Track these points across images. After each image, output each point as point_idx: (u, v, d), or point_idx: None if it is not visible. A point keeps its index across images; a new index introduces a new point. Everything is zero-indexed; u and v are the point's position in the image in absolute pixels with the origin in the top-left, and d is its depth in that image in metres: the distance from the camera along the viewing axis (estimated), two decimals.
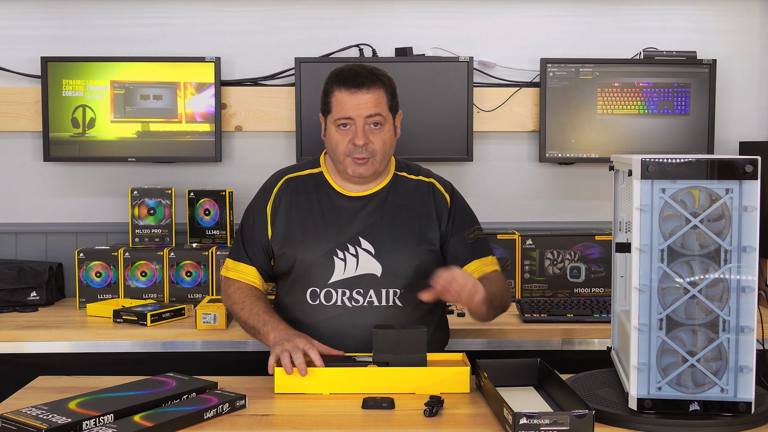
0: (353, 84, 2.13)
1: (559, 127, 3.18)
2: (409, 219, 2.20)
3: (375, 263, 2.15)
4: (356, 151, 2.13)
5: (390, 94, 2.19)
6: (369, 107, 2.13)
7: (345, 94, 2.13)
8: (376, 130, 2.14)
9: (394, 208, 2.21)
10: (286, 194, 2.23)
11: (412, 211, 2.21)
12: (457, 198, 2.28)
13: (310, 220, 2.19)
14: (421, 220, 2.21)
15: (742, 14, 3.31)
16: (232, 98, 3.24)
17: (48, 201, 3.30)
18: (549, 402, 1.86)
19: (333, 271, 2.15)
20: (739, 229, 1.64)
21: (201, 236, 3.15)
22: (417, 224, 2.20)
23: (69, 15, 3.25)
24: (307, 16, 3.27)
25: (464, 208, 2.29)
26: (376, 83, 2.14)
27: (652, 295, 1.66)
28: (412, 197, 2.23)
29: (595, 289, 3.07)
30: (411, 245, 2.18)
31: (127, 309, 2.81)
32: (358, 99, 2.12)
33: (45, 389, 1.98)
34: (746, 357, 1.65)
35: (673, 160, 1.64)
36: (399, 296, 2.16)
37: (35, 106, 3.20)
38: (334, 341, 2.10)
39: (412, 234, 2.19)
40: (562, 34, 3.30)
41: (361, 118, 2.13)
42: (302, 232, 2.18)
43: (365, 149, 2.13)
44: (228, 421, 1.76)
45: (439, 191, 2.26)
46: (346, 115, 2.13)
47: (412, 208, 2.22)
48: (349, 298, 2.15)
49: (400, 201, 2.22)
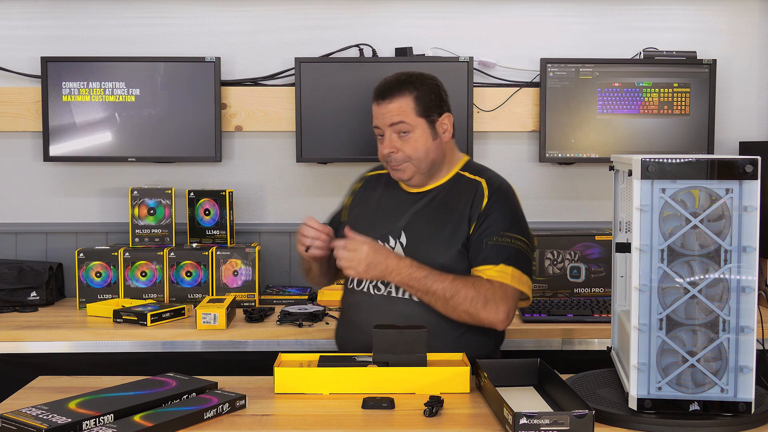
0: (380, 95, 2.23)
1: (559, 127, 3.18)
2: (448, 218, 2.21)
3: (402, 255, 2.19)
4: (390, 159, 2.22)
5: (418, 99, 2.20)
6: (392, 116, 2.20)
7: (375, 105, 2.24)
8: (404, 137, 2.20)
9: (439, 205, 2.24)
10: (361, 189, 2.41)
11: (453, 210, 2.22)
12: (497, 201, 2.20)
13: (369, 210, 2.33)
14: (456, 218, 2.21)
15: (742, 14, 3.31)
16: (232, 98, 3.24)
17: (48, 201, 3.30)
18: (549, 402, 1.86)
19: None
20: (739, 229, 1.64)
21: (201, 236, 3.15)
22: (452, 224, 2.20)
23: (69, 15, 3.25)
24: (307, 16, 3.27)
25: (499, 214, 2.18)
26: (401, 91, 2.20)
27: (652, 295, 1.66)
28: (459, 196, 2.24)
29: (595, 289, 3.07)
30: (440, 244, 2.19)
31: (127, 309, 2.81)
32: (384, 109, 2.21)
33: (45, 389, 1.98)
34: (746, 357, 1.65)
35: (673, 160, 1.64)
36: None
37: (35, 106, 3.21)
38: (358, 326, 2.22)
39: (444, 233, 2.20)
40: (562, 34, 3.30)
41: (386, 127, 2.21)
42: (356, 220, 2.31)
43: (396, 157, 2.21)
44: (228, 421, 1.76)
45: (481, 191, 2.22)
46: (376, 125, 2.25)
47: (453, 206, 2.23)
48: (374, 286, 2.22)
49: (448, 200, 2.24)
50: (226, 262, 3.01)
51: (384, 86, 2.23)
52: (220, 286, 3.02)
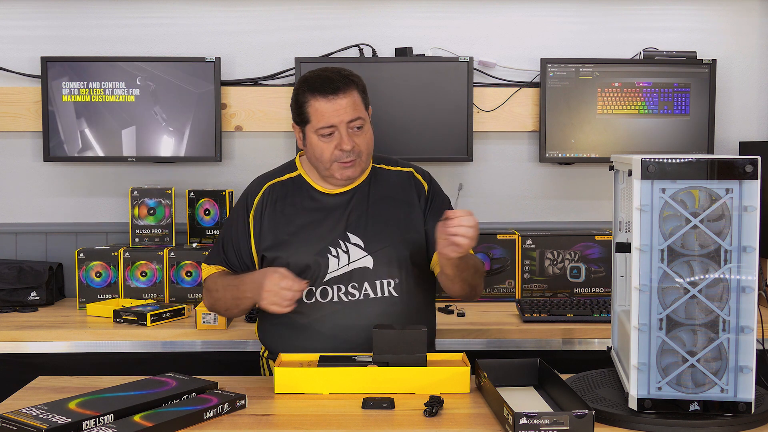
0: (329, 90, 2.12)
1: (559, 127, 3.18)
2: (393, 209, 2.22)
3: (365, 256, 2.16)
4: (343, 156, 2.13)
5: (363, 93, 2.19)
6: (349, 112, 2.12)
7: (322, 102, 2.12)
8: (360, 132, 2.15)
9: (377, 199, 2.22)
10: (270, 200, 2.23)
11: (395, 201, 2.23)
12: (434, 185, 2.30)
13: (298, 222, 2.20)
14: (405, 208, 2.22)
15: (742, 14, 3.31)
16: (232, 98, 3.24)
17: (48, 201, 3.30)
18: (549, 402, 1.86)
19: (327, 268, 2.15)
20: (739, 229, 1.64)
21: (201, 236, 3.15)
22: (402, 213, 2.22)
23: (69, 15, 3.25)
24: (307, 16, 3.27)
25: (441, 195, 2.29)
26: (350, 85, 2.14)
27: (652, 295, 1.66)
28: (393, 187, 2.25)
29: (595, 289, 3.07)
30: (399, 234, 2.19)
31: (127, 309, 2.81)
32: (337, 105, 2.11)
33: (45, 389, 1.98)
34: (746, 357, 1.65)
35: (673, 160, 1.64)
36: (394, 287, 2.17)
37: (35, 106, 3.20)
38: (335, 338, 2.12)
39: (399, 223, 2.20)
40: (562, 34, 3.30)
41: (343, 123, 2.12)
42: (292, 235, 2.19)
43: (352, 152, 2.14)
44: (228, 421, 1.76)
45: (416, 179, 2.27)
46: (328, 123, 2.12)
47: (395, 197, 2.23)
48: (345, 293, 2.15)
49: (383, 192, 2.23)
50: None
51: (330, 81, 2.12)
52: None
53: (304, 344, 2.14)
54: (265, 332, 2.26)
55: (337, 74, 2.15)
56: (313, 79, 2.15)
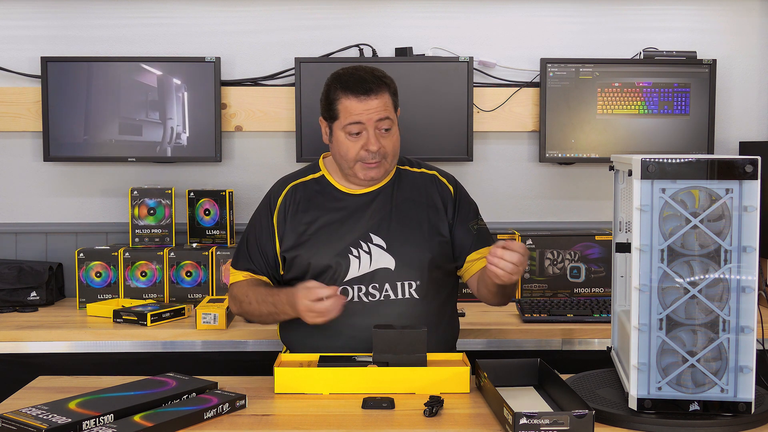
0: (361, 90, 2.12)
1: (559, 127, 3.18)
2: (417, 211, 2.22)
3: (388, 257, 2.16)
4: (368, 157, 2.14)
5: (394, 95, 2.19)
6: (379, 112, 2.13)
7: (353, 100, 2.12)
8: (387, 134, 2.16)
9: (401, 201, 2.22)
10: (293, 201, 2.24)
11: (419, 204, 2.23)
12: (460, 189, 2.30)
13: (320, 222, 2.20)
14: (429, 211, 2.23)
15: (742, 14, 3.31)
16: (232, 98, 3.24)
17: (48, 201, 3.30)
18: (549, 402, 1.86)
19: (348, 269, 2.15)
20: (739, 229, 1.64)
21: (201, 236, 3.15)
22: (425, 215, 2.22)
23: (69, 15, 3.25)
24: (307, 16, 3.27)
25: (467, 199, 2.31)
26: (382, 87, 2.15)
27: (652, 295, 1.66)
28: (417, 190, 2.25)
29: (595, 289, 3.07)
30: (422, 237, 2.19)
31: (127, 309, 2.81)
32: (368, 105, 2.12)
33: (45, 389, 1.98)
34: (746, 357, 1.65)
35: (673, 160, 1.64)
36: (415, 288, 2.17)
37: (35, 106, 3.20)
38: (354, 338, 2.13)
39: (422, 226, 2.21)
40: (562, 34, 3.30)
41: (371, 123, 2.13)
42: (314, 236, 2.19)
43: (378, 153, 2.14)
44: (228, 421, 1.76)
45: (441, 182, 2.28)
46: (357, 121, 2.13)
47: (419, 200, 2.23)
48: (366, 294, 2.15)
49: (406, 194, 2.23)
50: (226, 262, 3.01)
51: (363, 81, 2.13)
52: (220, 286, 3.02)
53: (324, 344, 2.14)
54: (286, 331, 2.27)
55: (371, 75, 2.15)
56: (347, 77, 2.15)
